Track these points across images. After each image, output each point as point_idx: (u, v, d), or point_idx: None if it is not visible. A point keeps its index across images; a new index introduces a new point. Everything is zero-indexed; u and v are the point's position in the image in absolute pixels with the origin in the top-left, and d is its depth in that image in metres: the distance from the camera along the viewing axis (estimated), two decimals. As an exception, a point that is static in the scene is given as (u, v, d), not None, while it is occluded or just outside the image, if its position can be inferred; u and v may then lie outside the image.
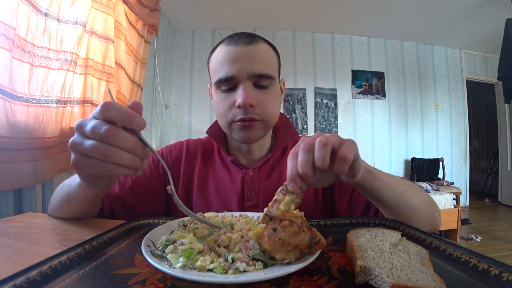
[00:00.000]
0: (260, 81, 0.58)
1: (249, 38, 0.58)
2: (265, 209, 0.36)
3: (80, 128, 0.32)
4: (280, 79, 0.67)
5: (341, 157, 0.34)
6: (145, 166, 0.35)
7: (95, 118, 0.32)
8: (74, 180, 0.49)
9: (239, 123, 0.58)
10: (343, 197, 0.61)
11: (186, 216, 0.40)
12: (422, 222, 0.50)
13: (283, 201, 0.35)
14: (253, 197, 0.62)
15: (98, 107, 0.32)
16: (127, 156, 0.32)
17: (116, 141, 0.31)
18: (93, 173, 0.33)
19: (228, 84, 0.58)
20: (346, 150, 0.34)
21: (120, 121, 0.32)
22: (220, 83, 0.58)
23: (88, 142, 0.31)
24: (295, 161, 0.35)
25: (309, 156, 0.34)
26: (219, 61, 0.58)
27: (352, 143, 0.36)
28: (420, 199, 0.50)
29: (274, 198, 0.36)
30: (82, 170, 0.34)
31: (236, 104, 0.56)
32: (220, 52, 0.59)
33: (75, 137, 0.33)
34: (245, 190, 0.62)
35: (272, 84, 0.60)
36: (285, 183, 0.36)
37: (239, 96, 0.56)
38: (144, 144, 0.34)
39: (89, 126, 0.31)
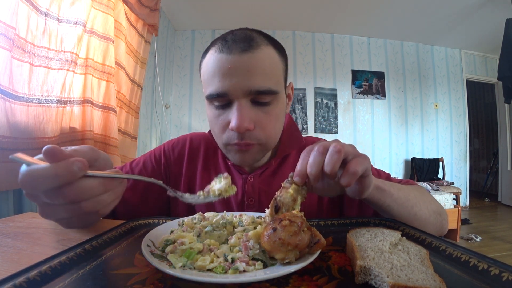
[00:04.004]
0: (260, 97, 0.49)
1: (246, 42, 0.48)
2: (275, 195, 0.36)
3: (36, 200, 0.28)
4: (288, 84, 0.60)
5: (349, 169, 0.33)
6: (125, 186, 0.34)
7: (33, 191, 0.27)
8: None
9: (236, 146, 0.52)
10: (352, 207, 0.59)
11: (186, 216, 0.40)
12: (430, 231, 0.50)
13: (291, 187, 0.36)
14: (253, 204, 0.59)
15: (21, 185, 0.26)
16: (107, 196, 0.30)
17: (86, 195, 0.28)
18: (89, 222, 0.32)
19: (222, 100, 0.50)
20: (357, 163, 0.34)
21: (60, 184, 0.27)
22: (212, 98, 0.50)
23: (60, 209, 0.29)
24: (306, 159, 0.36)
25: (321, 158, 0.34)
26: (210, 71, 0.50)
27: (364, 158, 0.36)
28: (429, 209, 0.50)
29: (281, 187, 0.37)
30: (79, 226, 0.32)
31: (230, 127, 0.49)
32: (211, 60, 0.50)
33: (42, 209, 0.29)
34: (245, 197, 0.60)
35: (275, 99, 0.52)
36: (290, 173, 0.37)
37: (233, 117, 0.48)
38: (107, 177, 0.31)
39: (44, 197, 0.27)
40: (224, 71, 0.48)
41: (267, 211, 0.36)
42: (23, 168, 0.25)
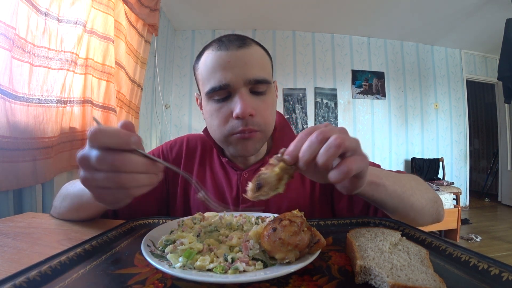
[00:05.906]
0: (257, 87, 0.55)
1: (240, 41, 0.55)
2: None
3: (83, 162, 0.30)
4: (273, 81, 0.65)
5: (342, 166, 0.30)
6: (160, 178, 0.34)
7: (91, 147, 0.30)
8: (85, 192, 0.45)
9: (238, 135, 0.55)
10: (342, 197, 0.60)
11: (185, 216, 0.40)
12: (427, 219, 0.51)
13: (278, 165, 0.33)
14: (248, 199, 0.60)
15: (88, 136, 0.29)
16: (144, 177, 0.31)
17: (128, 167, 0.30)
18: (118, 200, 0.33)
19: (222, 93, 0.54)
20: (352, 162, 0.30)
21: (115, 145, 0.30)
22: (213, 92, 0.54)
23: (100, 175, 0.30)
24: (302, 141, 0.33)
25: (317, 147, 0.31)
26: (210, 68, 0.54)
27: (363, 159, 0.33)
28: (425, 198, 0.50)
29: (268, 163, 0.34)
30: (108, 201, 0.33)
31: (234, 114, 0.52)
32: (210, 58, 0.55)
33: (84, 173, 0.31)
34: (240, 192, 0.62)
35: (269, 89, 0.58)
36: (281, 150, 0.34)
37: (236, 105, 0.52)
38: (152, 160, 0.33)
39: (93, 158, 0.29)
40: (224, 65, 0.53)
41: (250, 185, 0.33)
42: (96, 128, 0.30)
